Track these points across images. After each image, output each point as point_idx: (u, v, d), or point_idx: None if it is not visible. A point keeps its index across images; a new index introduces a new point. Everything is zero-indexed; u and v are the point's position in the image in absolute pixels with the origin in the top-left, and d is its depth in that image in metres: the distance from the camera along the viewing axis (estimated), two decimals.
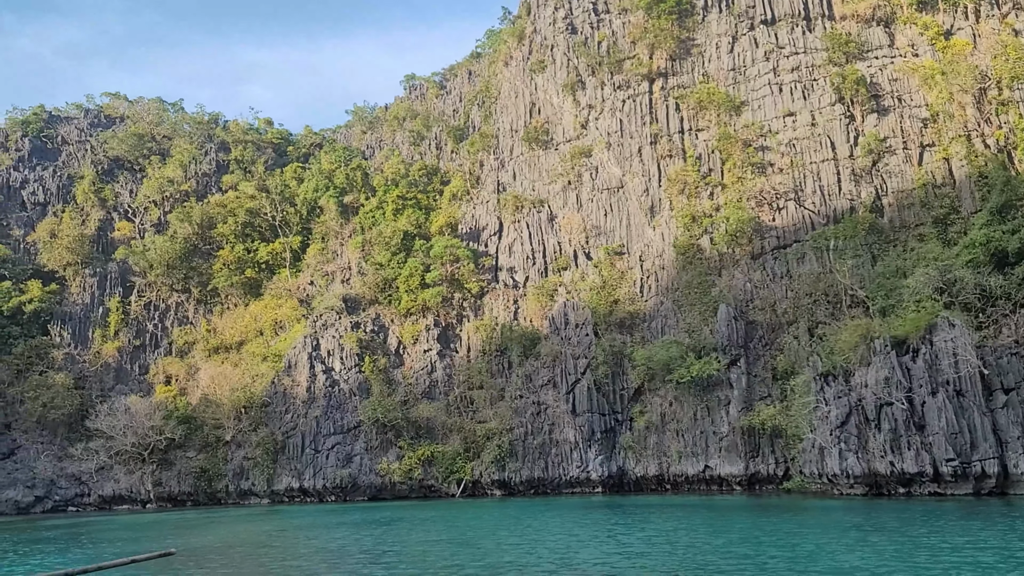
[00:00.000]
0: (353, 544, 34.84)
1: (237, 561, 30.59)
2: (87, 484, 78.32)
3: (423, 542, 35.05)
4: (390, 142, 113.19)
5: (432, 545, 33.55)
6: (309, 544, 35.85)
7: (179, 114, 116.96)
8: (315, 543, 36.21)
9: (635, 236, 79.91)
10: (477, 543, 33.42)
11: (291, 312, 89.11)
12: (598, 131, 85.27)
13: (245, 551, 33.93)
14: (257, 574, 26.74)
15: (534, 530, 37.78)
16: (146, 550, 32.66)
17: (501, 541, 33.78)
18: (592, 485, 69.26)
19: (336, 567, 27.74)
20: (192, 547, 35.68)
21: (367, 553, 31.05)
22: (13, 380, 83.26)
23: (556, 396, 72.25)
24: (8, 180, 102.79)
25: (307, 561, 29.29)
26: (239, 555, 32.39)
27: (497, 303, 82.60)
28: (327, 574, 26.33)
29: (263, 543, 37.43)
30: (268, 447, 76.24)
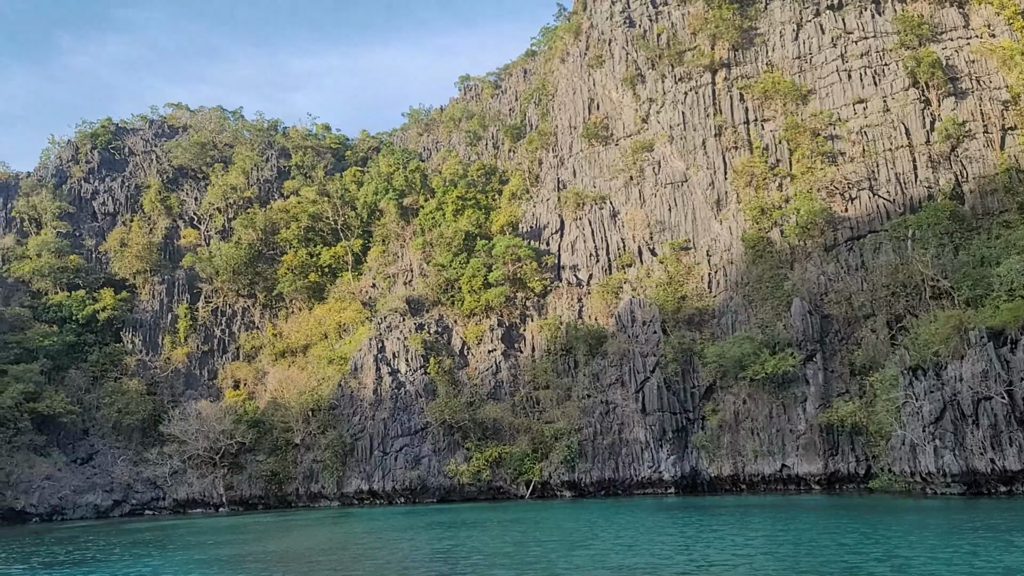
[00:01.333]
0: (463, 544, 34.31)
1: (348, 564, 30.09)
2: (162, 488, 79.65)
3: (531, 543, 34.13)
4: (447, 143, 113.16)
5: (542, 546, 32.58)
6: (416, 545, 35.21)
7: (239, 122, 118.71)
8: (415, 543, 35.66)
9: (701, 230, 78.29)
10: (587, 544, 32.45)
11: (355, 315, 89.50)
12: (660, 125, 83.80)
13: (352, 552, 33.57)
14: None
15: (637, 530, 36.88)
16: (239, 553, 32.80)
17: (611, 541, 32.72)
18: (664, 486, 67.94)
19: (462, 568, 26.94)
20: (294, 550, 35.59)
21: (483, 554, 30.43)
22: (89, 387, 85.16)
23: (625, 395, 71.10)
24: (80, 192, 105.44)
25: (431, 561, 28.56)
26: (349, 557, 31.98)
27: (560, 302, 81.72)
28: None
29: (365, 544, 37.20)
30: (337, 449, 76.56)
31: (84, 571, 31.27)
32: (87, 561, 34.61)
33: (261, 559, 32.94)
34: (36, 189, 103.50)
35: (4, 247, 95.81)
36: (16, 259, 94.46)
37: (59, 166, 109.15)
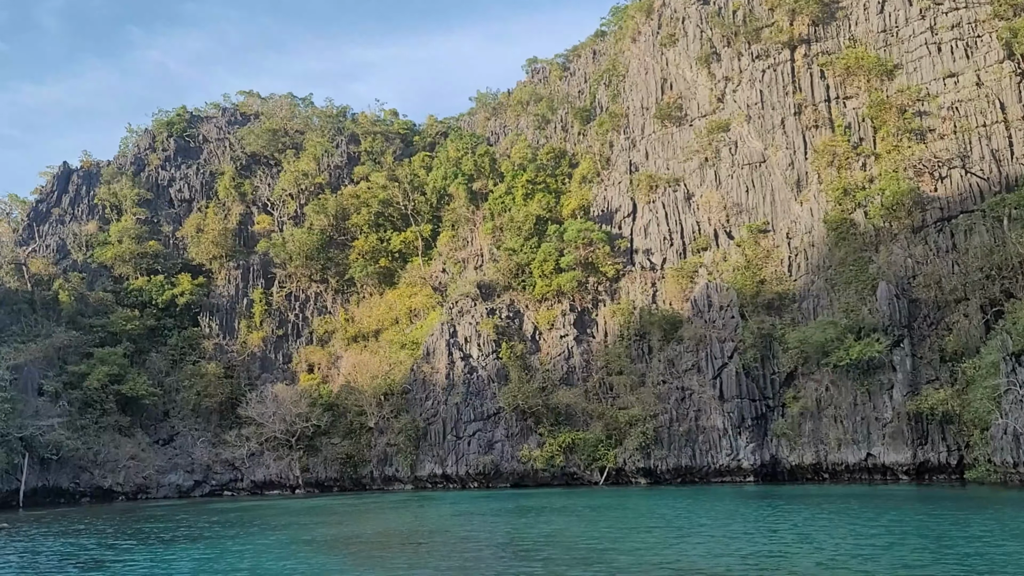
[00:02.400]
0: (568, 528, 33.67)
1: (457, 546, 29.76)
2: (240, 470, 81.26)
3: (632, 529, 33.39)
4: (514, 127, 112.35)
5: (651, 533, 31.71)
6: (517, 528, 34.67)
7: (309, 108, 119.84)
8: (515, 527, 35.10)
9: (780, 212, 76.07)
10: (695, 532, 31.40)
11: (426, 300, 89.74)
12: (736, 104, 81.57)
13: (456, 535, 33.14)
14: (497, 560, 25.65)
15: (746, 519, 35.92)
16: (338, 534, 32.87)
17: (718, 530, 31.74)
18: (743, 474, 66.53)
19: (583, 552, 26.32)
20: (393, 531, 35.57)
21: (594, 537, 29.85)
22: (169, 370, 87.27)
23: (701, 381, 69.69)
24: (157, 179, 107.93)
25: (545, 546, 28.03)
26: (454, 539, 31.61)
27: (634, 286, 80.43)
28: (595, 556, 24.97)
29: (463, 527, 36.80)
30: (410, 433, 76.95)
31: (201, 547, 31.57)
32: (201, 538, 35.11)
33: (365, 540, 32.92)
34: (116, 177, 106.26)
35: (88, 233, 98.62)
36: (99, 245, 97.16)
37: (137, 154, 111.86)
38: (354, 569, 24.66)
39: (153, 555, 29.44)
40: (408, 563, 25.31)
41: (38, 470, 70.97)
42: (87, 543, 34.45)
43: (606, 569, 22.84)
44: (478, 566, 24.48)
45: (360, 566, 25.15)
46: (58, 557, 29.47)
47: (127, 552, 30.66)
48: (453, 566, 24.71)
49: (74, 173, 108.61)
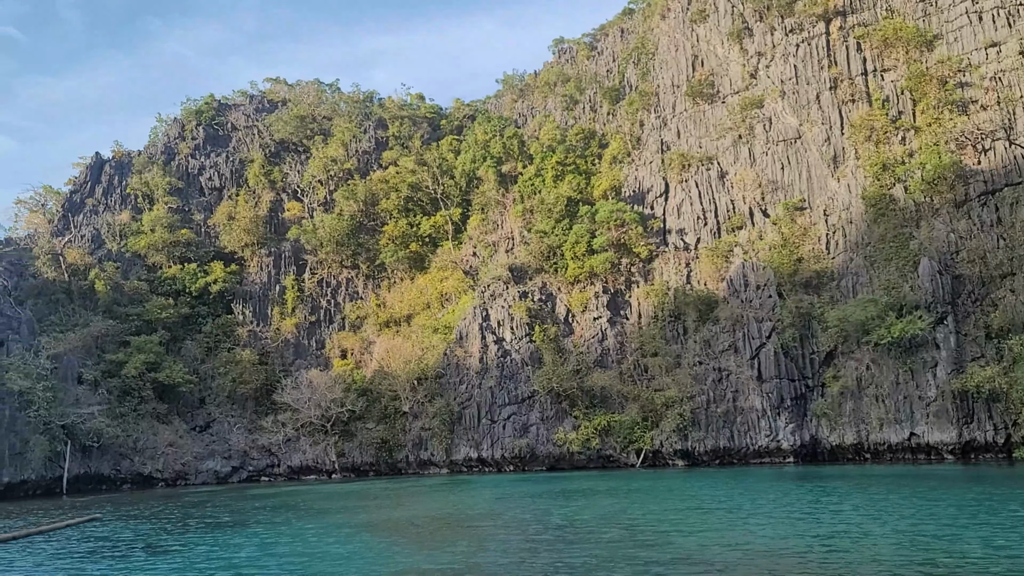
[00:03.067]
0: (624, 510, 33.14)
1: (511, 529, 29.34)
2: (276, 455, 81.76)
3: (688, 510, 32.83)
4: (542, 108, 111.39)
5: (704, 515, 31.09)
6: (568, 511, 34.12)
7: (336, 94, 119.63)
8: (566, 511, 34.51)
9: (817, 189, 74.69)
10: (755, 512, 30.75)
11: (457, 284, 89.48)
12: (769, 80, 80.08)
13: (506, 519, 32.61)
14: (562, 543, 25.21)
15: (797, 499, 35.29)
16: (386, 518, 32.74)
17: (779, 510, 31.09)
18: (783, 455, 65.77)
19: (645, 535, 25.88)
20: (441, 515, 35.36)
21: (653, 519, 29.38)
22: (204, 357, 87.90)
23: (739, 362, 68.85)
24: (187, 168, 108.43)
25: (600, 528, 27.60)
26: (503, 524, 31.14)
27: (668, 267, 79.57)
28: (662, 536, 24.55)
29: (509, 511, 36.32)
30: (444, 418, 76.93)
31: (249, 532, 31.49)
32: (255, 523, 35.10)
33: (420, 524, 32.59)
34: (147, 166, 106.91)
35: (121, 223, 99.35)
36: (132, 234, 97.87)
37: (167, 143, 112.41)
38: (419, 552, 24.33)
39: (215, 540, 29.26)
40: (472, 547, 24.81)
41: (80, 457, 71.85)
42: (144, 528, 34.51)
43: (675, 551, 22.33)
44: (544, 548, 23.99)
45: (425, 550, 24.76)
46: (122, 543, 29.44)
47: (186, 536, 30.64)
48: (519, 548, 24.23)
49: (106, 163, 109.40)
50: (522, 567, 20.82)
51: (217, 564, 23.57)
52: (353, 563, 22.65)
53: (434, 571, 20.89)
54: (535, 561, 21.81)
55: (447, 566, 21.49)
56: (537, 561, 21.76)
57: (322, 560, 23.43)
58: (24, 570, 23.44)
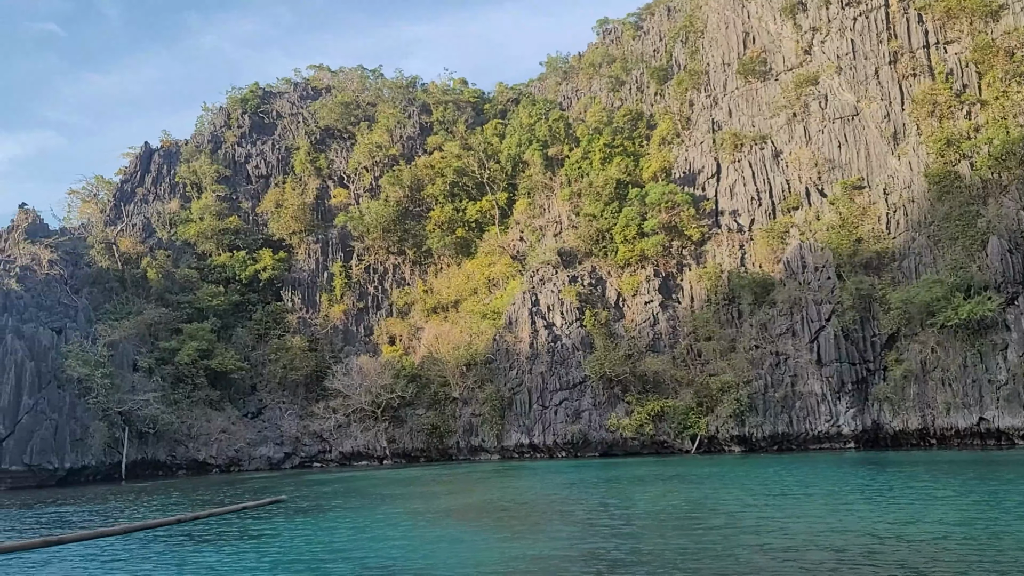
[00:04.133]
0: (706, 496, 32.10)
1: (602, 513, 28.57)
2: (328, 441, 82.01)
3: (778, 496, 31.71)
4: (587, 90, 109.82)
5: (797, 499, 29.87)
6: (650, 498, 33.10)
7: (379, 80, 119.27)
8: (646, 497, 33.59)
9: (876, 167, 72.52)
10: (853, 497, 29.64)
11: (504, 269, 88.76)
12: (825, 55, 77.83)
13: (588, 505, 31.61)
14: (668, 530, 24.28)
15: (886, 484, 33.94)
16: (458, 504, 32.24)
17: (876, 495, 29.96)
18: (843, 440, 64.19)
19: (747, 520, 24.72)
20: (513, 502, 34.68)
21: (746, 504, 28.36)
22: (255, 344, 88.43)
23: (797, 345, 67.24)
24: (234, 156, 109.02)
25: (699, 517, 26.33)
26: (593, 508, 30.23)
27: (721, 249, 77.98)
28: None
29: (590, 495, 35.54)
30: (495, 403, 76.42)
31: (334, 517, 30.95)
32: (325, 508, 34.68)
33: (498, 509, 31.84)
34: (195, 155, 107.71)
35: (171, 211, 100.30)
36: (182, 223, 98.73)
37: (213, 132, 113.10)
38: (522, 539, 23.31)
39: (304, 525, 28.64)
40: (575, 532, 23.79)
41: (136, 443, 72.72)
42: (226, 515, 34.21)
43: (787, 537, 21.19)
44: (650, 534, 23.03)
45: (527, 536, 23.72)
46: (210, 529, 28.77)
47: (274, 522, 30.09)
48: (624, 534, 23.25)
49: (155, 153, 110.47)
50: (647, 554, 19.85)
51: (319, 548, 22.98)
52: (461, 550, 21.77)
53: (554, 557, 20.04)
54: (652, 547, 20.85)
55: (562, 553, 20.62)
56: (655, 547, 20.80)
57: (428, 546, 22.66)
58: (127, 559, 23.04)
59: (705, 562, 18.51)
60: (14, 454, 62.61)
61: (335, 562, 20.63)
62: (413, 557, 20.92)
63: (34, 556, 23.64)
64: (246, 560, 21.60)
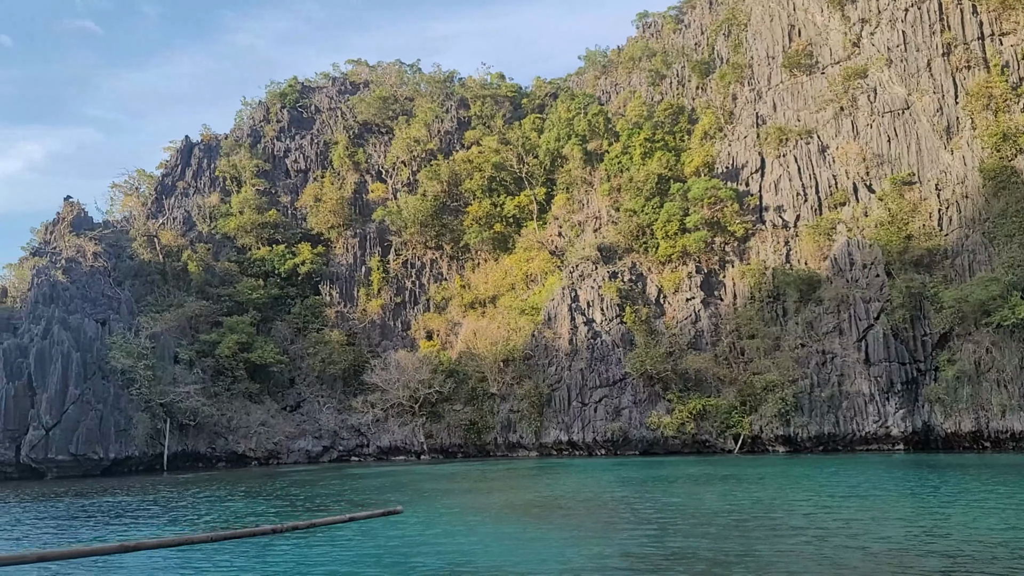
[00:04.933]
0: (772, 497, 31.34)
1: (671, 512, 27.67)
2: (366, 436, 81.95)
3: (854, 498, 30.71)
4: (626, 85, 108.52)
5: (876, 501, 28.80)
6: (715, 497, 32.11)
7: (417, 75, 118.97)
8: (711, 496, 32.66)
9: (928, 162, 70.65)
10: (940, 500, 28.71)
11: (543, 264, 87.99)
12: (874, 48, 76.02)
13: (653, 503, 30.68)
14: (750, 530, 23.38)
15: (955, 487, 33.00)
16: (512, 500, 31.64)
17: (961, 497, 29.02)
18: (892, 441, 62.73)
19: (834, 523, 23.77)
20: (575, 497, 34.09)
21: (820, 507, 27.28)
22: (294, 338, 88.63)
23: (844, 344, 65.80)
24: (273, 150, 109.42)
25: (777, 517, 25.43)
26: (659, 507, 29.28)
27: (765, 246, 76.57)
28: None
29: (650, 494, 34.76)
30: (534, 400, 75.78)
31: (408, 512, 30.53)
32: (372, 506, 34.34)
33: (557, 506, 31.38)
34: (235, 149, 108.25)
35: (211, 205, 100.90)
36: (221, 216, 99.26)
37: (252, 126, 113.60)
38: (590, 539, 22.45)
39: (368, 520, 27.91)
40: (647, 534, 22.81)
41: (178, 435, 73.21)
42: (283, 507, 33.85)
43: (885, 541, 20.26)
44: (731, 534, 22.22)
45: (600, 534, 22.91)
46: (278, 521, 28.59)
47: (303, 517, 29.93)
48: (701, 533, 22.50)
49: (195, 147, 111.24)
50: (742, 555, 19.06)
51: (397, 542, 22.43)
52: (540, 548, 20.97)
53: (645, 556, 19.32)
54: (742, 547, 20.11)
55: (650, 551, 19.88)
56: (744, 547, 20.07)
57: (505, 543, 22.02)
58: (218, 560, 22.48)
59: (810, 565, 17.68)
60: (60, 444, 63.28)
61: (416, 556, 20.08)
62: (495, 555, 20.23)
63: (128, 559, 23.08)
64: (319, 555, 21.09)
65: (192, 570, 19.95)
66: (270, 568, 19.69)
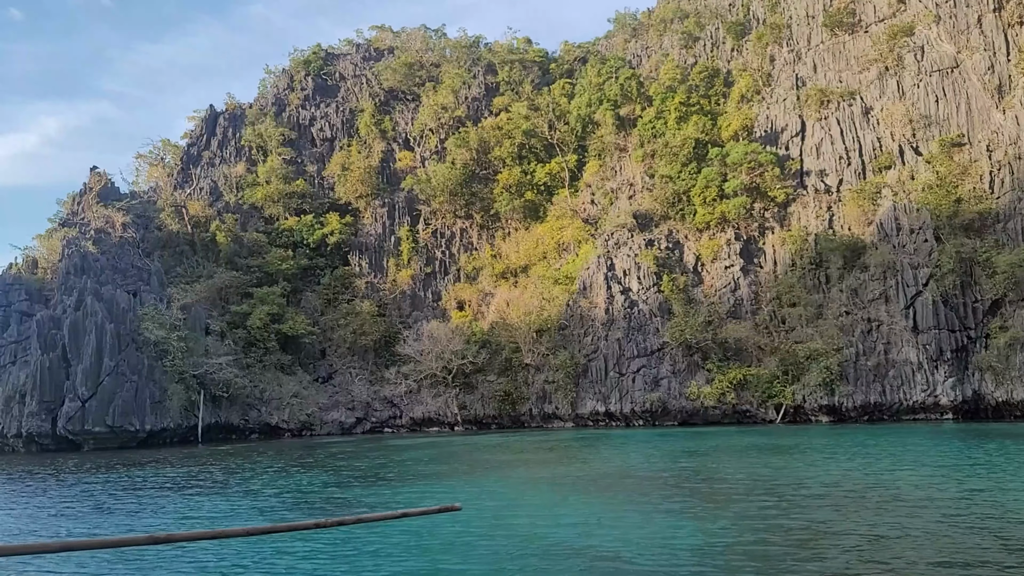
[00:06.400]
0: (871, 468, 29.81)
1: (763, 486, 25.98)
2: (399, 407, 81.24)
3: (945, 467, 29.52)
4: (657, 48, 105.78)
5: (990, 476, 27.14)
6: (795, 470, 30.41)
7: (442, 40, 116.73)
8: (788, 468, 31.02)
9: (978, 123, 68.25)
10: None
11: (576, 233, 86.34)
12: (921, 4, 73.30)
13: (732, 477, 28.92)
14: (861, 505, 21.66)
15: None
16: (566, 473, 30.31)
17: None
18: (940, 411, 61.15)
19: (947, 498, 22.14)
20: (634, 470, 32.73)
21: (921, 481, 25.79)
22: (324, 309, 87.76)
23: (891, 311, 64.03)
24: (298, 119, 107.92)
25: (889, 490, 23.88)
26: (747, 480, 27.72)
27: (806, 211, 74.59)
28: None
29: (722, 466, 33.18)
30: (569, 370, 74.58)
31: (454, 488, 29.11)
32: (434, 475, 33.27)
33: (618, 478, 30.00)
34: (260, 118, 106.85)
35: (237, 175, 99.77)
36: (248, 186, 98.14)
37: (277, 94, 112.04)
38: (690, 517, 20.59)
39: (440, 496, 26.78)
40: (760, 509, 21.01)
41: (211, 407, 72.74)
42: (339, 480, 32.74)
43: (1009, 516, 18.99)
44: (855, 508, 20.70)
45: (702, 514, 20.96)
46: (342, 495, 27.53)
47: (371, 489, 28.70)
48: (824, 506, 21.02)
49: (220, 116, 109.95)
50: (879, 528, 17.67)
51: (477, 522, 20.98)
52: (651, 529, 19.01)
53: (778, 530, 17.89)
54: (876, 519, 18.73)
55: (777, 524, 18.45)
56: (879, 519, 18.69)
57: (592, 521, 20.54)
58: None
59: (974, 539, 16.35)
60: (97, 416, 62.92)
61: (498, 539, 18.71)
62: (610, 537, 18.35)
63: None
64: (397, 534, 19.70)
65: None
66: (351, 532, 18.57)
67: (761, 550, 16.18)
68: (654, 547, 16.79)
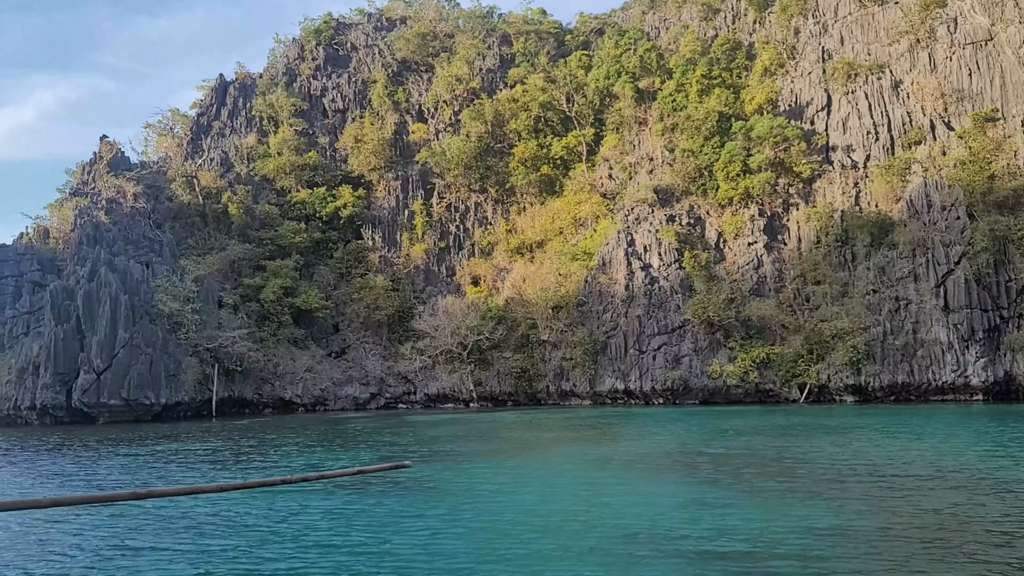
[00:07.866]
0: (915, 449, 28.73)
1: (839, 469, 24.36)
2: (413, 383, 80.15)
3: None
4: (676, 20, 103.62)
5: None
6: (858, 451, 28.92)
7: (456, 10, 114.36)
8: (850, 449, 29.60)
9: (1013, 97, 66.52)
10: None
11: (593, 208, 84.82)
12: None
13: (799, 459, 27.15)
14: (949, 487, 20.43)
15: None
16: (610, 452, 29.05)
17: None
18: (970, 391, 60.11)
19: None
20: (676, 450, 31.46)
21: (992, 465, 24.54)
22: (337, 283, 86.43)
23: (920, 290, 62.69)
24: (309, 89, 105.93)
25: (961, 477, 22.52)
26: (810, 462, 26.03)
27: (832, 187, 73.05)
28: None
29: (778, 445, 31.73)
30: (587, 347, 73.41)
31: (498, 469, 27.85)
32: (466, 455, 32.03)
33: (674, 461, 28.59)
34: (271, 88, 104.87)
35: (248, 146, 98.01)
36: (259, 157, 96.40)
37: (287, 64, 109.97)
38: (777, 506, 18.81)
39: (477, 477, 25.42)
40: (860, 495, 19.57)
41: (224, 381, 71.71)
42: (365, 458, 31.57)
43: None
44: (956, 493, 19.55)
45: (780, 502, 19.24)
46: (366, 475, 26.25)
47: (432, 473, 27.17)
48: (922, 490, 19.84)
49: (230, 85, 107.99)
50: (993, 515, 16.56)
51: (527, 504, 19.90)
52: (731, 519, 17.35)
53: (889, 513, 16.83)
54: (985, 505, 17.67)
55: (882, 513, 17.23)
56: (986, 505, 17.59)
57: (663, 506, 19.15)
58: (316, 505, 20.39)
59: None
60: (112, 388, 61.88)
61: (565, 523, 17.52)
62: (675, 522, 16.90)
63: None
64: (449, 519, 18.44)
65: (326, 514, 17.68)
66: (445, 498, 17.37)
67: (918, 533, 15.05)
68: (797, 533, 15.38)
